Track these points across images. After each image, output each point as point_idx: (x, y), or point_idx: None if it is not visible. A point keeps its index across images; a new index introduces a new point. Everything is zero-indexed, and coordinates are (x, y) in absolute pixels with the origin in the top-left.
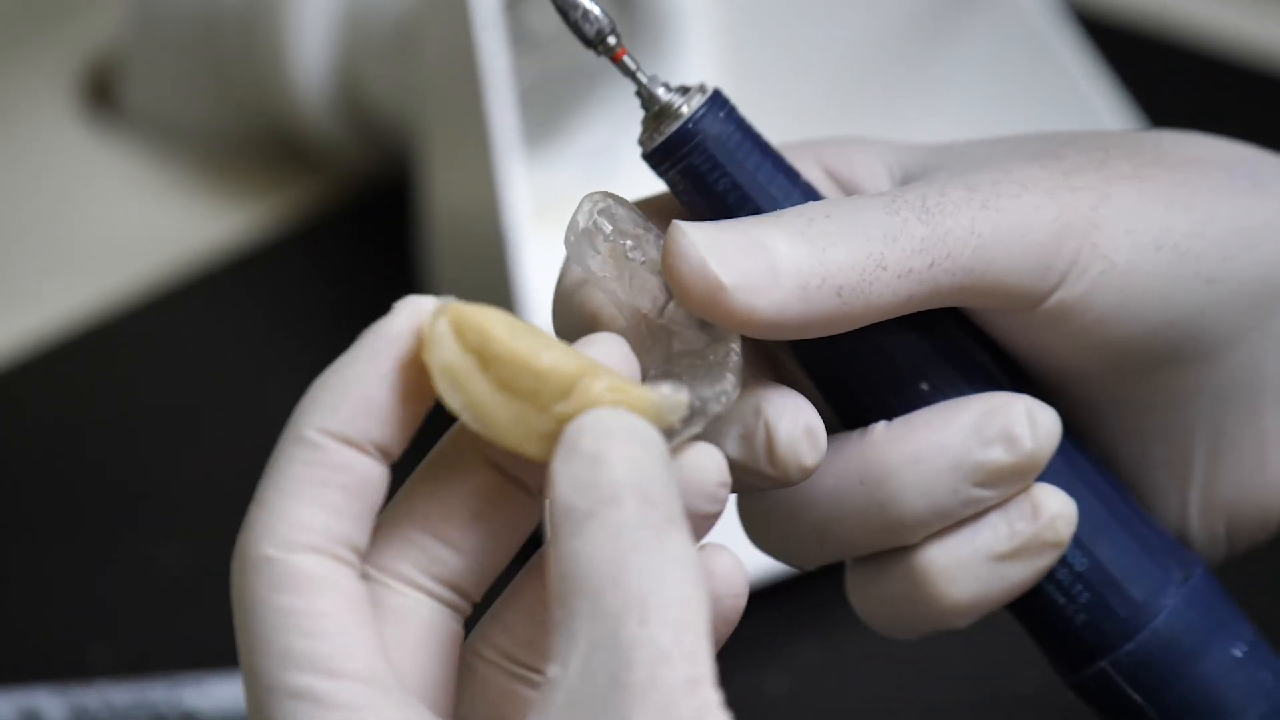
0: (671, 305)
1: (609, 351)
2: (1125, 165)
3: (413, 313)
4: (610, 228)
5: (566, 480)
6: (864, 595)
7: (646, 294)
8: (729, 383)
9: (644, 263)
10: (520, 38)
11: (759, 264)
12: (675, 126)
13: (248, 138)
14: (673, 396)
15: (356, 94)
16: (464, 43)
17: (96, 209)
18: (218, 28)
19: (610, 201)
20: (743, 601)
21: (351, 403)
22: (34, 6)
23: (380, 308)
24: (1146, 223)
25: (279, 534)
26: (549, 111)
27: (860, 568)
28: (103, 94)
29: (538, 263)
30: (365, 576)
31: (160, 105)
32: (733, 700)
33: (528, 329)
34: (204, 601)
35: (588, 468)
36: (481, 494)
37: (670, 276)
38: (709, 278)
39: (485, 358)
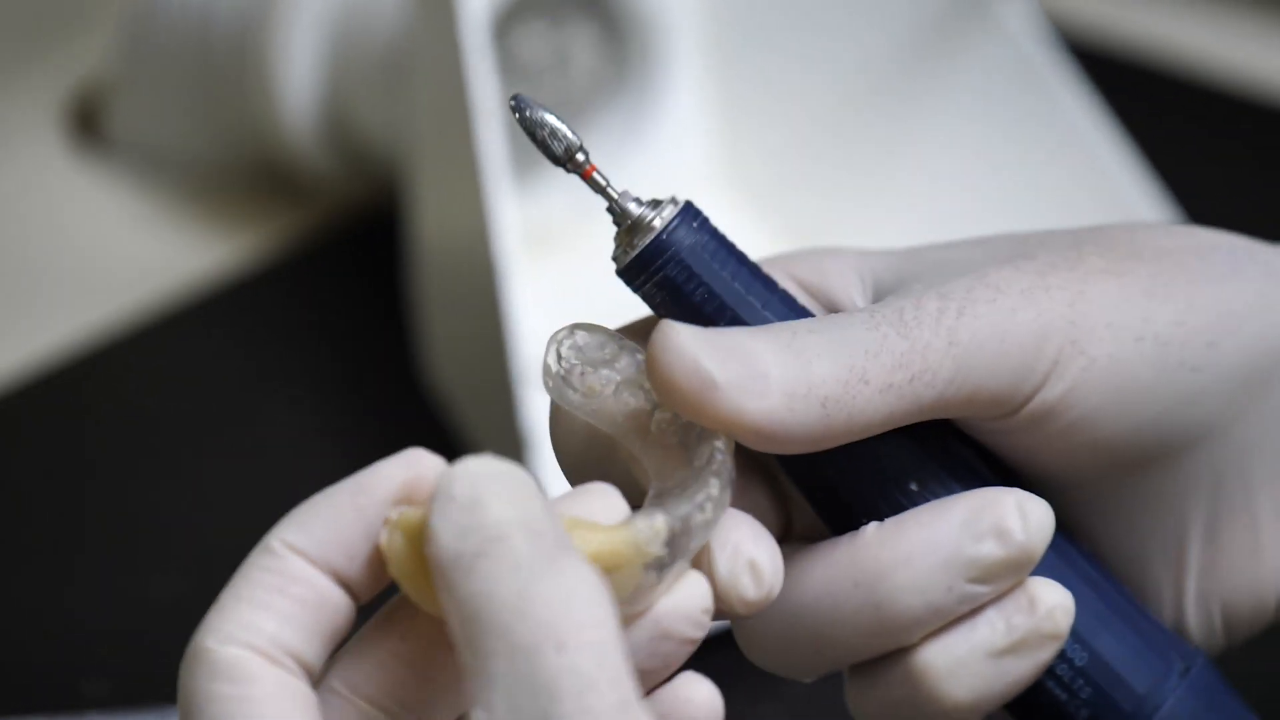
0: (656, 416)
1: (598, 502)
2: (1100, 261)
3: (409, 464)
4: (579, 363)
5: (447, 528)
6: (864, 702)
7: (630, 409)
8: (713, 488)
9: (623, 382)
10: (510, 68)
11: (748, 368)
12: (649, 239)
13: (236, 167)
14: (648, 529)
15: (345, 123)
16: (454, 72)
17: (83, 238)
18: (206, 57)
19: (575, 335)
20: None
21: (323, 526)
22: (20, 36)
23: (368, 337)
24: (1126, 315)
25: (223, 630)
26: None
27: (858, 676)
28: (89, 123)
29: (527, 291)
30: (328, 694)
31: (148, 134)
32: None
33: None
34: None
35: (466, 512)
36: (421, 658)
37: (658, 376)
38: (701, 374)
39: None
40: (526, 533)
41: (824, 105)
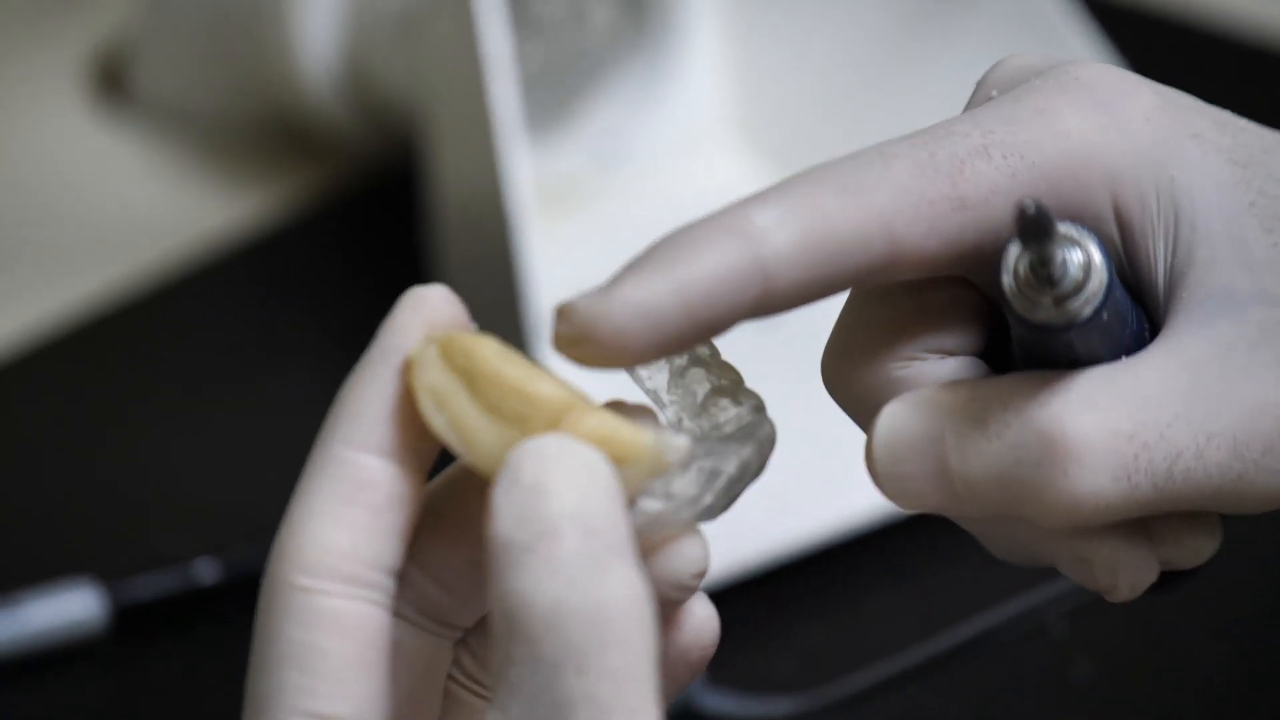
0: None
1: (635, 415)
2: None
3: (416, 306)
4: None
5: (506, 511)
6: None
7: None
8: (747, 452)
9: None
10: (525, 23)
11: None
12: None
13: (257, 125)
14: (670, 440)
15: (364, 80)
16: (467, 28)
17: (104, 196)
18: (226, 14)
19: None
20: (711, 651)
21: (371, 407)
22: None
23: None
24: None
25: (304, 556)
26: (556, 97)
27: None
28: (113, 81)
29: (543, 248)
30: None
31: (170, 92)
32: (738, 683)
33: (522, 359)
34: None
35: (528, 498)
36: (476, 540)
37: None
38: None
39: (472, 378)
40: (580, 531)
41: (839, 59)
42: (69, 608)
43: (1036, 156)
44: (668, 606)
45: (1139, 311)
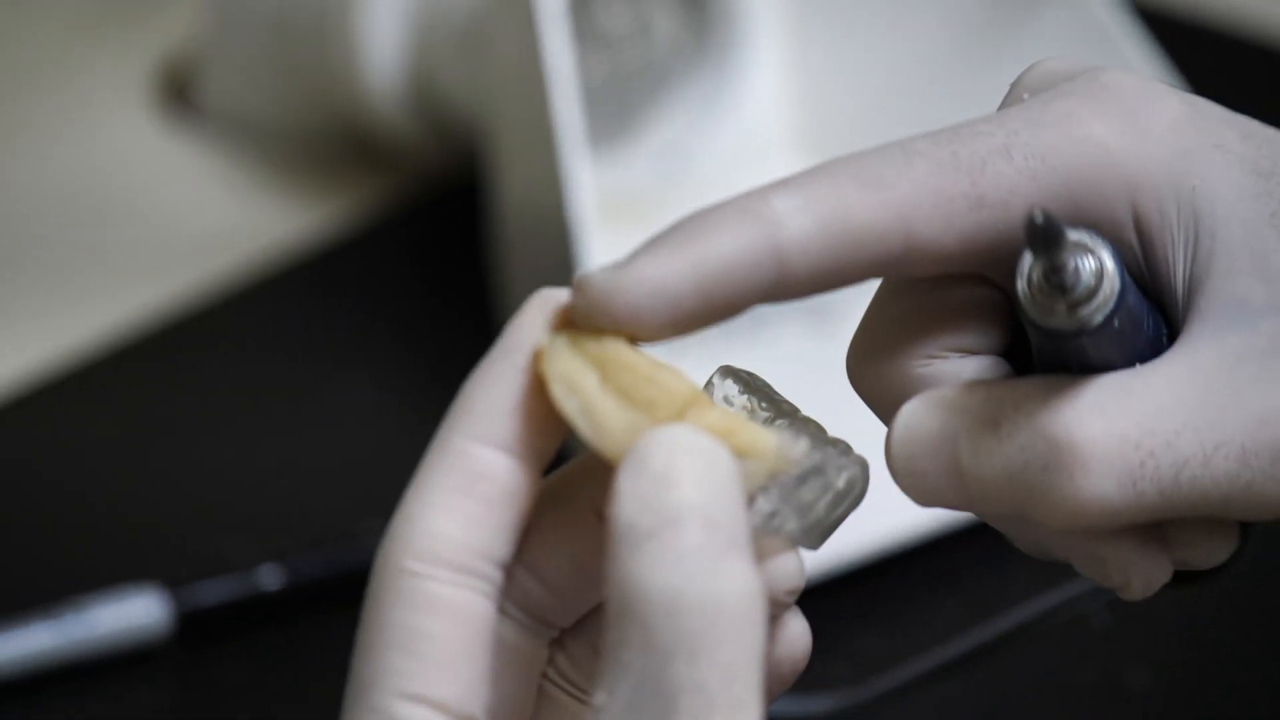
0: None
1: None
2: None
3: (543, 306)
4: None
5: (631, 497)
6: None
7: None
8: (854, 468)
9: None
10: (589, 36)
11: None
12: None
13: (322, 135)
14: (790, 440)
15: (429, 91)
16: (529, 40)
17: (171, 206)
18: (293, 25)
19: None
20: (802, 666)
21: (493, 401)
22: (111, 5)
23: (452, 304)
24: None
25: (417, 544)
26: (619, 109)
27: None
28: (180, 92)
29: (604, 260)
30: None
31: (236, 103)
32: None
33: (648, 353)
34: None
35: (654, 485)
36: (583, 541)
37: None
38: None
39: (604, 364)
40: (703, 523)
41: (901, 70)
42: (133, 613)
43: (1057, 161)
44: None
45: (1157, 318)
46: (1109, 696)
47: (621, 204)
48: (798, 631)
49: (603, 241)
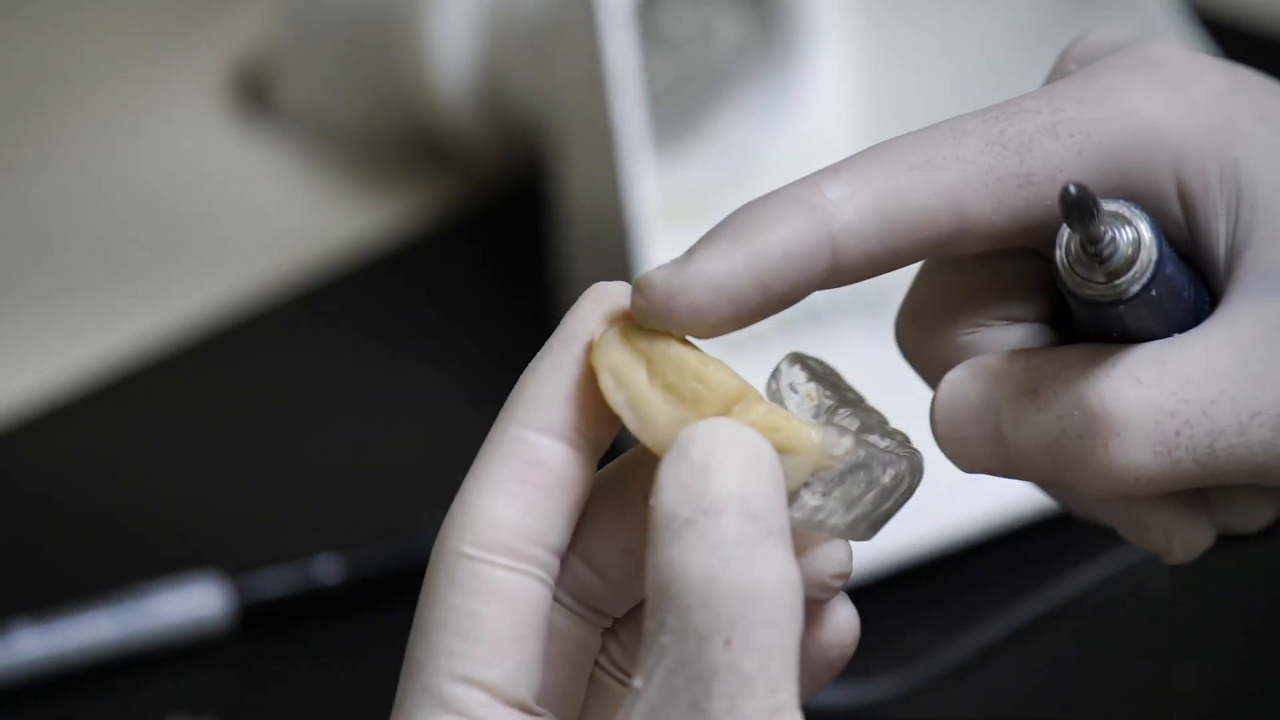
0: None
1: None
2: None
3: (599, 298)
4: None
5: (672, 486)
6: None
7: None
8: (903, 465)
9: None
10: (655, 39)
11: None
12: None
13: (392, 136)
14: (835, 436)
15: (497, 93)
16: (594, 43)
17: (242, 204)
18: (365, 26)
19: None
20: (851, 650)
21: (550, 390)
22: (188, 5)
23: (517, 304)
24: None
25: (474, 530)
26: (684, 112)
27: None
28: (255, 91)
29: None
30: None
31: (310, 103)
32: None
33: (698, 348)
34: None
35: (694, 475)
36: (636, 531)
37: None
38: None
39: (652, 359)
40: (741, 513)
41: (965, 71)
42: (195, 603)
43: (1103, 136)
44: (810, 605)
45: (1199, 287)
46: (1157, 695)
47: (685, 204)
48: (845, 617)
49: (665, 241)
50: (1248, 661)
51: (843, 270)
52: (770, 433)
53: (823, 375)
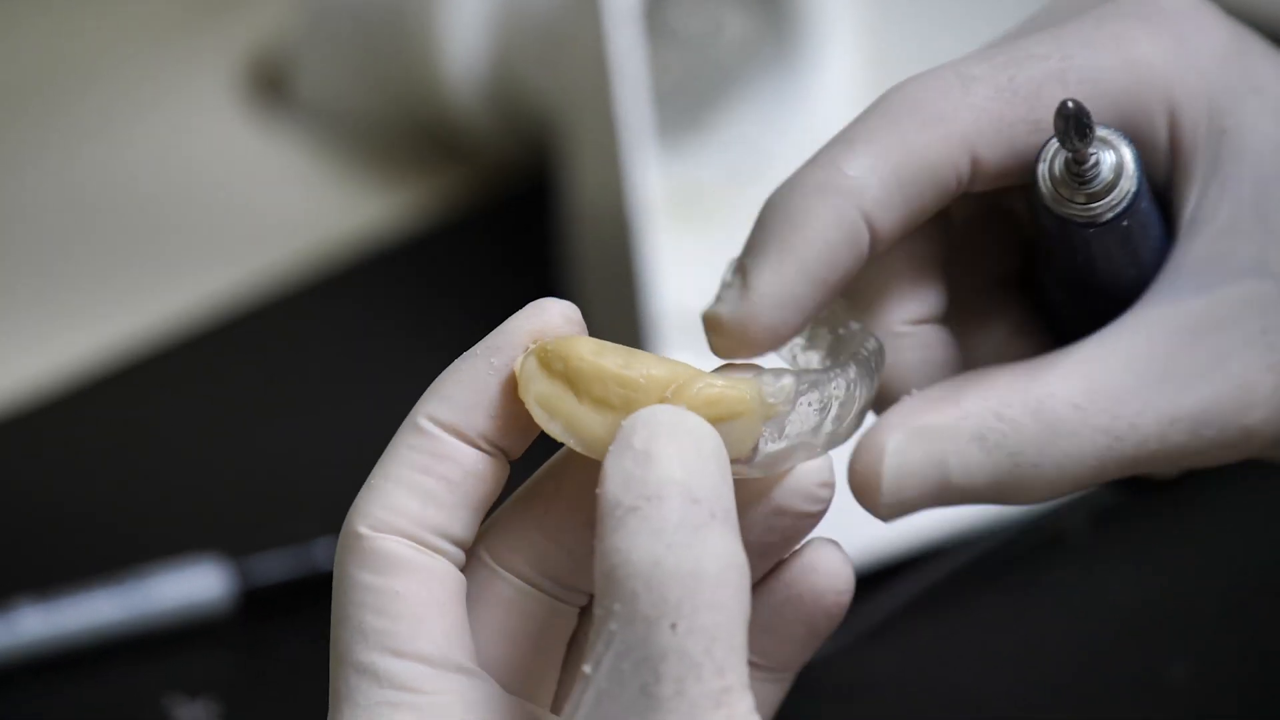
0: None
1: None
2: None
3: (535, 314)
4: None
5: (616, 474)
6: None
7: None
8: (850, 372)
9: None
10: (663, 35)
11: None
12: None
13: (405, 130)
14: (772, 385)
15: (508, 88)
16: (601, 38)
17: (255, 195)
18: (379, 20)
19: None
20: (847, 598)
21: (465, 394)
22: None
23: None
24: None
25: (373, 514)
26: (691, 107)
27: None
28: (271, 84)
29: (672, 256)
30: (475, 564)
31: (326, 96)
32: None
33: (616, 348)
34: None
35: (637, 463)
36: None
37: None
38: None
39: (573, 380)
40: (684, 497)
41: None
42: (195, 585)
43: (1109, 84)
44: (803, 523)
45: (1165, 234)
46: (1149, 690)
47: (692, 200)
48: (838, 562)
49: (672, 236)
50: (1239, 656)
51: (881, 240)
52: (709, 408)
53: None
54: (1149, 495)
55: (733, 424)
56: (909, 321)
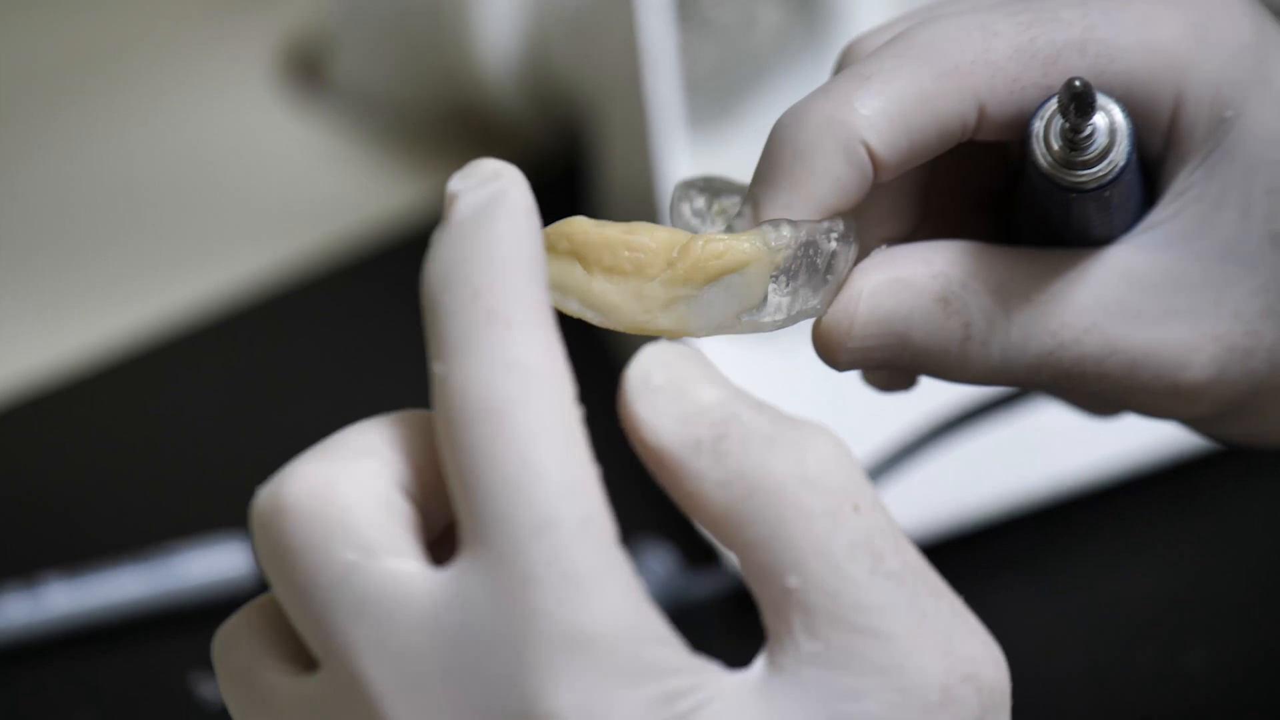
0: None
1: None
2: None
3: (490, 174)
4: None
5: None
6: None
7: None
8: (839, 224)
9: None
10: (696, 24)
11: None
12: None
13: (439, 115)
14: (774, 231)
15: (541, 75)
16: (633, 25)
17: (290, 178)
18: (414, 6)
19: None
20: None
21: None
22: None
23: None
24: None
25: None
26: (723, 96)
27: None
28: (308, 69)
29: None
30: None
31: (362, 81)
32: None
33: (611, 222)
34: None
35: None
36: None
37: None
38: None
39: (582, 254)
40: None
41: None
42: (220, 562)
43: (1125, 63)
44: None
45: (1143, 211)
46: (1168, 679)
47: None
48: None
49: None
50: (1256, 645)
51: (882, 174)
52: (716, 260)
53: (718, 188)
54: (1168, 482)
55: (743, 274)
56: (883, 240)
